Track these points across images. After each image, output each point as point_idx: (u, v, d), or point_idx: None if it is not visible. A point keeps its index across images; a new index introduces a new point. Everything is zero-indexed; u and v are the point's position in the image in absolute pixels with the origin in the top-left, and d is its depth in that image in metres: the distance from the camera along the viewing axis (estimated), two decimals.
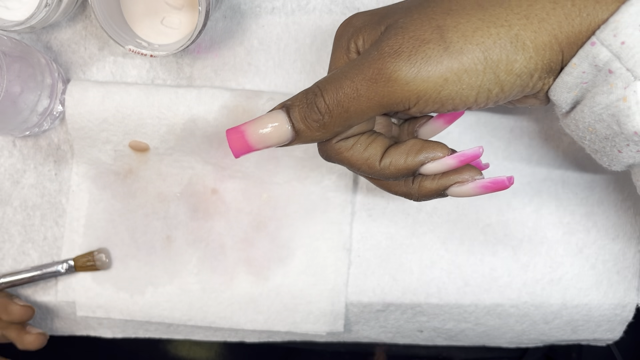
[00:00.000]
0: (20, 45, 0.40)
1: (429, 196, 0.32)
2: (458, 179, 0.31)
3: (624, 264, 0.47)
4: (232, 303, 0.46)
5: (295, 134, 0.30)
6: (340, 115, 0.29)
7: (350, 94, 0.28)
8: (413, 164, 0.31)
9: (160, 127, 0.43)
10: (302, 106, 0.29)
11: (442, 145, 0.31)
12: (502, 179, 0.30)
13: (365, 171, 0.31)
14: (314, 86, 0.30)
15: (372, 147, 0.31)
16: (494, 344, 0.51)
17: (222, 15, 0.44)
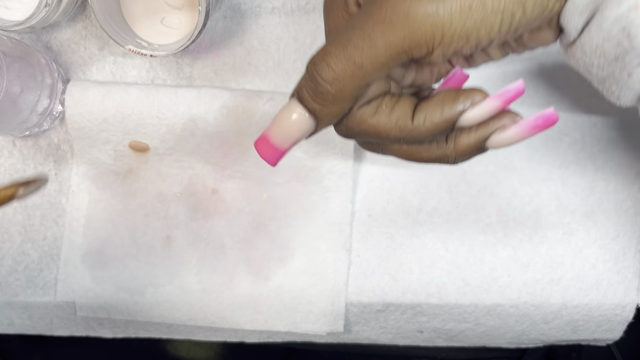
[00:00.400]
0: (20, 45, 0.40)
1: (467, 154, 0.28)
2: (498, 125, 0.27)
3: (624, 264, 0.47)
4: (232, 303, 0.46)
5: (315, 118, 0.27)
6: (354, 74, 0.25)
7: (362, 45, 0.25)
8: (451, 114, 0.27)
9: (160, 127, 0.43)
10: (307, 84, 0.26)
11: (478, 89, 0.27)
12: (549, 113, 0.27)
13: (396, 136, 0.28)
14: (313, 55, 0.26)
15: (399, 106, 0.28)
16: (494, 344, 0.51)
17: (222, 15, 0.44)
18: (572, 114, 0.46)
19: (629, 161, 0.47)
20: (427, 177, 0.46)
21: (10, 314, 0.48)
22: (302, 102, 0.27)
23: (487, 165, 0.46)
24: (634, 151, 0.47)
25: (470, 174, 0.46)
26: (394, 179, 0.46)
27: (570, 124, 0.46)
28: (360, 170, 0.46)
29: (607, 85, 0.28)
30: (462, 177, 0.46)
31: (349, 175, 0.45)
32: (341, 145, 0.44)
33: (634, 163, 0.47)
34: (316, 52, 0.26)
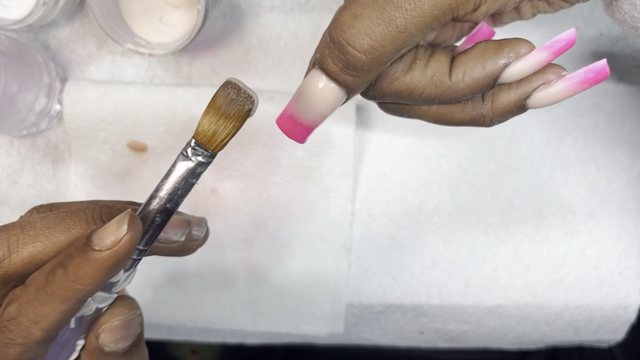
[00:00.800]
0: (17, 44, 0.40)
1: (506, 113, 0.25)
2: (542, 80, 0.24)
3: (627, 265, 0.46)
4: (232, 304, 0.46)
5: (346, 89, 0.24)
6: (396, 39, 0.22)
7: (406, 5, 0.21)
8: (495, 67, 0.24)
9: (159, 126, 0.43)
10: (333, 54, 0.23)
11: (522, 40, 0.24)
12: (601, 65, 0.24)
13: (431, 94, 0.24)
14: (338, 17, 0.22)
15: (435, 59, 0.24)
16: (496, 345, 0.50)
17: (221, 14, 0.44)
18: (574, 113, 0.46)
19: (631, 161, 0.46)
20: (428, 177, 0.46)
21: None
22: (328, 74, 0.23)
23: (488, 165, 0.46)
24: (636, 151, 0.46)
25: (471, 174, 0.46)
26: (395, 178, 0.46)
27: (573, 123, 0.46)
28: (360, 170, 0.46)
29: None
30: (463, 177, 0.46)
31: (349, 175, 0.45)
32: (342, 145, 0.44)
33: (636, 163, 0.46)
34: (339, 13, 0.22)
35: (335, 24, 0.22)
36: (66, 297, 0.22)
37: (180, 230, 0.27)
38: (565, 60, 0.45)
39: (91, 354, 0.25)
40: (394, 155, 0.46)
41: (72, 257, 0.22)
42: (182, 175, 0.24)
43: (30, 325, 0.22)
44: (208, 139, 0.23)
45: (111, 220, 0.23)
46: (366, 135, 0.45)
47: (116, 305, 0.25)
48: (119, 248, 0.22)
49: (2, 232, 0.24)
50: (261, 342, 0.49)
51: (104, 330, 0.25)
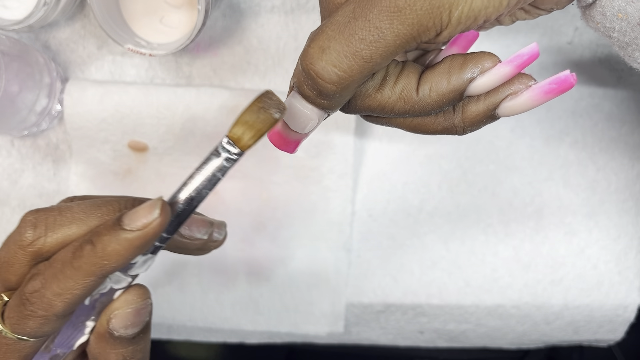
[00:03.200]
0: (18, 45, 0.40)
1: (476, 123, 0.26)
2: (509, 91, 0.25)
3: (626, 265, 0.46)
4: (232, 303, 0.46)
5: (323, 109, 0.25)
6: (363, 69, 0.23)
7: (369, 37, 0.22)
8: (459, 82, 0.25)
9: (159, 126, 0.43)
10: (307, 82, 0.24)
11: (488, 53, 0.25)
12: (565, 76, 0.24)
13: (401, 109, 0.26)
14: (308, 49, 0.24)
15: (403, 76, 0.25)
16: (495, 345, 0.50)
17: (222, 14, 0.44)
18: (574, 114, 0.46)
19: (631, 161, 0.46)
20: (428, 177, 0.46)
21: None
22: (305, 98, 0.25)
23: (488, 165, 0.46)
24: (635, 151, 0.46)
25: (471, 174, 0.46)
26: (395, 178, 0.46)
27: (572, 124, 0.46)
28: (360, 170, 0.46)
29: (629, 51, 0.26)
30: (463, 177, 0.46)
31: (349, 175, 0.45)
32: (341, 145, 0.44)
33: (635, 163, 0.46)
34: (309, 45, 0.24)
35: (305, 56, 0.24)
36: (91, 272, 0.24)
37: (204, 229, 0.30)
38: (564, 60, 0.45)
39: (100, 337, 0.26)
40: (394, 155, 0.46)
41: (100, 235, 0.24)
42: (211, 170, 0.26)
43: (53, 297, 0.24)
44: (239, 138, 0.25)
45: (143, 204, 0.25)
46: (366, 135, 0.46)
47: (130, 293, 0.26)
48: (149, 230, 0.24)
49: (41, 213, 0.25)
50: (261, 341, 0.49)
51: (116, 315, 0.26)
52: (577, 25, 0.45)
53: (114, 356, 0.26)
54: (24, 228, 0.25)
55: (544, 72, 0.45)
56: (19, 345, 0.25)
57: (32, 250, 0.25)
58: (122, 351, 0.26)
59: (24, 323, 0.24)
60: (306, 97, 0.25)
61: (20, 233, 0.25)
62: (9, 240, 0.26)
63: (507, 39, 0.45)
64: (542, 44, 0.45)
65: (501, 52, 0.45)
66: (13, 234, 0.26)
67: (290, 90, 0.26)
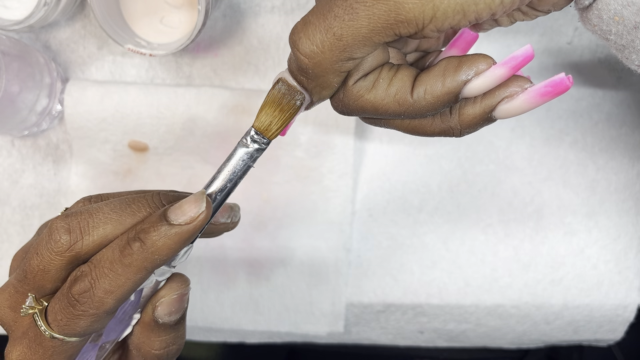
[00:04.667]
0: (19, 45, 0.40)
1: (473, 125, 0.26)
2: (505, 93, 0.25)
3: (626, 264, 0.46)
4: (232, 303, 0.46)
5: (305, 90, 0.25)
6: (333, 46, 0.23)
7: (344, 16, 0.23)
8: (454, 85, 0.25)
9: (160, 126, 0.43)
10: (290, 55, 0.25)
11: (483, 55, 0.25)
12: (560, 79, 0.24)
13: (395, 111, 0.25)
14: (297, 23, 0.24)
15: (398, 79, 0.25)
16: (495, 344, 0.50)
17: (222, 14, 0.44)
18: (574, 114, 0.46)
19: (630, 161, 0.46)
20: (428, 177, 0.46)
21: None
22: (291, 74, 0.25)
23: (488, 165, 0.46)
24: (635, 151, 0.46)
25: (471, 174, 0.46)
26: (395, 179, 0.46)
27: (572, 123, 0.46)
28: (360, 170, 0.46)
29: (626, 53, 0.26)
30: (463, 177, 0.46)
31: (349, 175, 0.45)
32: (341, 145, 0.44)
33: (635, 163, 0.46)
34: (304, 16, 0.24)
35: (292, 29, 0.24)
36: (142, 267, 0.25)
37: (227, 213, 0.31)
38: (564, 60, 0.45)
39: (146, 326, 0.28)
40: (394, 155, 0.46)
41: (148, 232, 0.25)
42: (241, 158, 0.28)
43: (104, 295, 0.25)
44: (265, 127, 0.27)
45: (186, 199, 0.26)
46: (366, 135, 0.46)
47: (173, 281, 0.28)
48: (197, 223, 0.25)
49: (72, 218, 0.26)
50: (261, 341, 0.49)
51: (162, 303, 0.27)
52: (576, 25, 0.45)
53: (158, 344, 0.28)
54: (57, 234, 0.25)
55: (545, 73, 0.45)
56: (66, 345, 0.26)
57: (70, 255, 0.25)
58: (165, 338, 0.28)
59: (75, 323, 0.25)
60: (291, 71, 0.25)
61: (55, 240, 0.25)
62: (41, 248, 0.26)
63: (507, 39, 0.45)
64: (542, 44, 0.45)
65: (502, 52, 0.45)
66: (45, 241, 0.26)
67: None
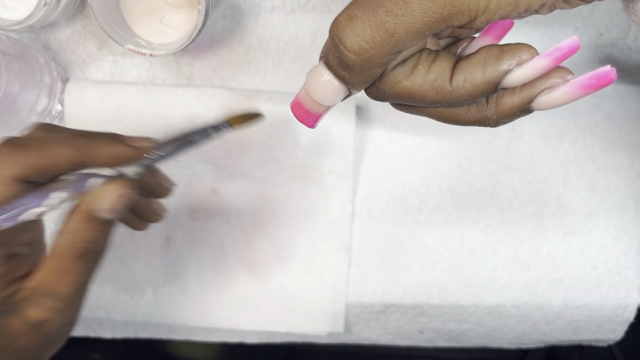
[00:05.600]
0: (19, 45, 0.40)
1: (510, 115, 0.26)
2: (546, 84, 0.24)
3: (626, 264, 0.46)
4: (232, 303, 0.46)
5: (345, 83, 0.25)
6: (385, 43, 0.23)
7: (396, 10, 0.22)
8: (495, 74, 0.24)
9: (160, 126, 0.43)
10: (332, 50, 0.24)
11: (525, 45, 0.24)
12: (605, 71, 0.24)
13: (432, 98, 0.25)
14: (337, 16, 0.23)
15: (436, 65, 0.25)
16: (495, 344, 0.50)
17: (222, 14, 0.44)
18: (573, 114, 0.46)
19: (630, 161, 0.46)
20: (428, 177, 0.46)
21: None
22: (329, 68, 0.25)
23: (487, 165, 0.46)
24: (635, 151, 0.46)
25: (471, 174, 0.46)
26: (395, 179, 0.46)
27: (572, 123, 0.46)
28: (360, 170, 0.46)
29: None
30: (463, 177, 0.46)
31: (350, 175, 0.45)
32: (342, 144, 0.44)
33: (635, 163, 0.46)
34: (340, 13, 0.23)
35: (334, 23, 0.23)
36: None
37: (169, 183, 0.36)
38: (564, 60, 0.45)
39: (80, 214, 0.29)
40: (394, 155, 0.46)
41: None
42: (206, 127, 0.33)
43: None
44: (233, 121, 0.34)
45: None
46: (366, 135, 0.46)
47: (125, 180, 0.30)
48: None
49: None
50: (261, 341, 0.49)
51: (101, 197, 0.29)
52: (576, 25, 0.45)
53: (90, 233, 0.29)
54: None
55: None
56: None
57: None
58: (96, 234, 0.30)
59: None
60: (330, 66, 0.24)
61: None
62: None
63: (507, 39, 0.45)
64: (542, 44, 0.45)
65: None
66: None
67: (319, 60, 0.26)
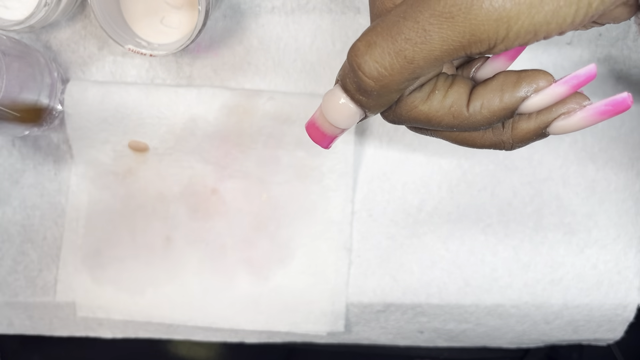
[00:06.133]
0: (19, 45, 0.40)
1: (526, 140, 0.26)
2: (563, 110, 0.25)
3: (625, 264, 0.46)
4: (232, 303, 0.46)
5: (361, 107, 0.25)
6: (403, 70, 0.23)
7: (415, 38, 0.22)
8: (512, 101, 0.24)
9: (160, 126, 0.43)
10: (349, 75, 0.24)
11: (542, 72, 0.25)
12: (622, 98, 0.24)
13: (449, 123, 0.25)
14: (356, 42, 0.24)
15: (453, 91, 0.25)
16: (495, 344, 0.50)
17: (222, 15, 0.44)
18: None
19: (630, 161, 0.46)
20: (428, 177, 0.46)
21: (10, 314, 0.47)
22: (346, 92, 0.25)
23: (487, 165, 0.46)
24: (634, 151, 0.46)
25: (470, 174, 0.46)
26: (395, 178, 0.46)
27: None
28: (360, 170, 0.46)
29: None
30: (463, 177, 0.46)
31: (350, 174, 0.45)
32: (342, 144, 0.44)
33: (635, 163, 0.47)
34: (358, 39, 0.23)
35: (352, 49, 0.23)
36: None
37: None
38: (564, 60, 0.45)
39: None
40: (393, 155, 0.46)
41: None
42: None
43: None
44: None
45: None
46: (366, 135, 0.46)
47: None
48: None
49: None
50: (261, 341, 0.49)
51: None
52: None
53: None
54: None
55: None
56: None
57: None
58: None
59: None
60: (347, 90, 0.25)
61: None
62: None
63: None
64: (542, 45, 0.45)
65: None
66: None
67: (335, 83, 0.26)
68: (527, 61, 0.45)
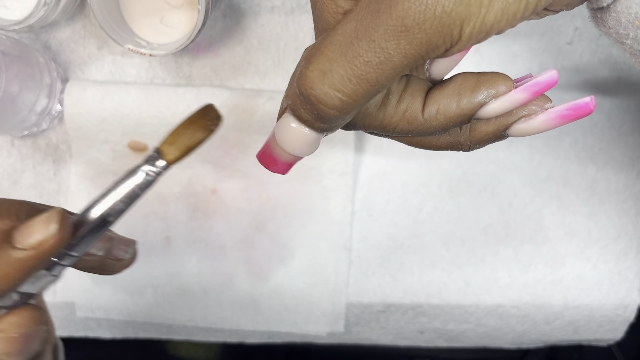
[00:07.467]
0: (18, 45, 0.40)
1: (484, 142, 0.25)
2: (523, 112, 0.24)
3: (626, 265, 0.46)
4: (232, 303, 0.46)
5: (320, 132, 0.23)
6: (366, 92, 0.21)
7: (375, 59, 0.21)
8: (469, 107, 0.23)
9: (160, 126, 0.43)
10: (304, 106, 0.22)
11: (502, 76, 0.24)
12: (584, 102, 0.23)
13: (404, 129, 0.24)
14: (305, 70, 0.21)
15: (408, 95, 0.24)
16: (495, 344, 0.50)
17: (222, 14, 0.44)
18: None
19: (630, 161, 0.46)
20: (428, 177, 0.46)
21: None
22: (303, 122, 0.23)
23: (488, 165, 0.46)
24: (635, 151, 0.46)
25: (471, 174, 0.46)
26: (395, 178, 0.46)
27: (572, 123, 0.46)
28: (360, 169, 0.46)
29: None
30: (463, 177, 0.46)
31: (350, 174, 0.45)
32: (342, 144, 0.44)
33: (635, 163, 0.46)
34: (307, 67, 0.21)
35: (303, 79, 0.22)
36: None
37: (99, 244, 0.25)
38: (564, 60, 0.45)
39: None
40: (393, 155, 0.46)
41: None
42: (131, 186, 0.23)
43: None
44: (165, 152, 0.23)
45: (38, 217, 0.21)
46: (366, 135, 0.46)
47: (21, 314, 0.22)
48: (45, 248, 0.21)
49: None
50: (261, 341, 0.49)
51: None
52: (576, 25, 0.45)
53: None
54: None
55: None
56: None
57: None
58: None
59: None
60: (303, 120, 0.23)
61: None
62: None
63: (507, 39, 0.45)
64: (542, 44, 0.45)
65: (501, 52, 0.45)
66: None
67: (282, 111, 0.24)
68: (527, 60, 0.45)
